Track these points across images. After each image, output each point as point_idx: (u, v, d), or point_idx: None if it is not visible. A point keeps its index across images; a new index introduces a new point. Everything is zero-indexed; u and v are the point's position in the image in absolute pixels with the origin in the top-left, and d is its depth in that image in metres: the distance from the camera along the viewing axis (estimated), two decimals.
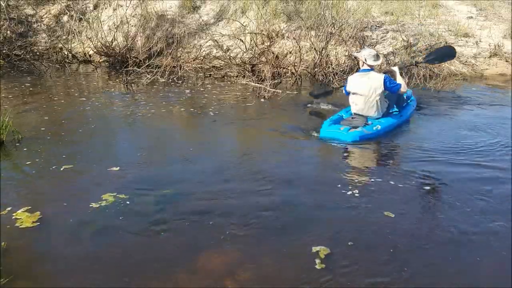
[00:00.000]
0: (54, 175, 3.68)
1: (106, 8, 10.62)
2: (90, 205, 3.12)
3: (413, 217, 3.03)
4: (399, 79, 4.97)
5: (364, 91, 4.80)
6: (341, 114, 5.12)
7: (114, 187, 3.40)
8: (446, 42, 8.52)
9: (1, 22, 10.09)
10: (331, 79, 7.38)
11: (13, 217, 2.96)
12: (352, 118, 4.87)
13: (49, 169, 3.77)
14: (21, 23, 10.47)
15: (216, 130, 4.92)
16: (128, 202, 3.16)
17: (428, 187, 3.47)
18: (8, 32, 10.13)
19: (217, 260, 2.51)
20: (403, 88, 4.90)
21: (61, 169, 3.77)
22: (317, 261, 2.48)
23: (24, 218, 2.95)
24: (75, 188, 3.44)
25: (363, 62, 4.84)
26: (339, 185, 3.48)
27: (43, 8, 10.96)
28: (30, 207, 3.10)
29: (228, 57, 8.36)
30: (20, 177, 3.68)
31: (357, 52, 5.22)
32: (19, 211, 3.04)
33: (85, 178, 3.64)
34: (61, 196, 3.30)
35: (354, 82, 4.89)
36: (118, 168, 3.80)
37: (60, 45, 9.97)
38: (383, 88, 4.76)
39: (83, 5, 10.82)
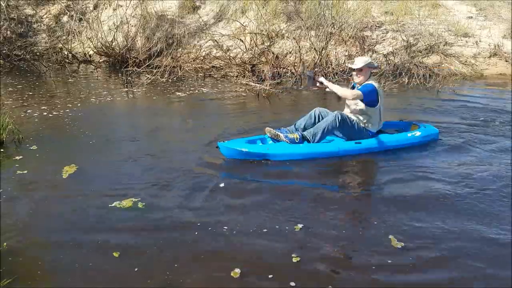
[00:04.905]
0: (55, 173, 3.68)
1: (106, 8, 10.64)
2: (99, 205, 3.13)
3: None
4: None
5: None
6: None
7: (119, 187, 3.42)
8: (446, 42, 8.54)
9: (1, 22, 10.10)
10: (331, 79, 7.39)
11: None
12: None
13: (49, 169, 3.77)
14: (21, 23, 10.49)
15: (217, 130, 4.91)
16: (131, 202, 3.16)
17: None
18: (8, 32, 10.15)
19: (217, 260, 2.51)
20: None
21: (63, 168, 3.77)
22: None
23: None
24: (78, 188, 3.44)
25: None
26: (338, 191, 3.48)
27: (43, 8, 10.97)
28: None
29: (228, 57, 8.37)
30: (21, 178, 3.67)
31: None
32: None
33: (88, 178, 3.64)
34: (63, 195, 3.30)
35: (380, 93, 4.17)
36: (122, 167, 3.81)
37: (60, 45, 9.98)
38: None
39: (83, 5, 10.84)
